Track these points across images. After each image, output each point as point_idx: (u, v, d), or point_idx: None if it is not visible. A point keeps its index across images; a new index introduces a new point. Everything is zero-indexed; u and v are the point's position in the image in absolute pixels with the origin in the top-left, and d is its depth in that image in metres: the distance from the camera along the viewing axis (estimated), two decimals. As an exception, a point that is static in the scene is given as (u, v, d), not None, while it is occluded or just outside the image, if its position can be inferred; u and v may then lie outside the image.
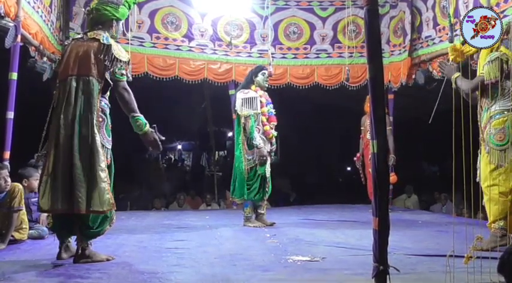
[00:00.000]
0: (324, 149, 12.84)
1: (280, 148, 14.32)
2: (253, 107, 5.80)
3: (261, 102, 5.88)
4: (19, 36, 5.47)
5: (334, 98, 8.30)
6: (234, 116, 6.20)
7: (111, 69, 3.70)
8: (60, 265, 3.57)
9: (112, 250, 4.16)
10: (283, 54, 8.73)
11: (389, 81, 8.56)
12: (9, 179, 4.65)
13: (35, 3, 5.98)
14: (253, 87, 5.94)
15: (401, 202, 9.83)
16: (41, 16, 6.26)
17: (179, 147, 17.68)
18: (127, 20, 7.71)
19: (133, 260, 3.79)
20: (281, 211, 8.15)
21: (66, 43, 4.26)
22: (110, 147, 3.75)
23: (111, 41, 3.76)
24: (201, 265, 3.58)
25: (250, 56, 8.62)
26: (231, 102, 7.65)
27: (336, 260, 3.75)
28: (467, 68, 6.40)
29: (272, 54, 8.46)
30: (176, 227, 5.84)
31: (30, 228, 4.90)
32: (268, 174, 5.92)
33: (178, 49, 8.30)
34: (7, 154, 5.36)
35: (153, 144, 3.74)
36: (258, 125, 5.84)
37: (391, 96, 8.70)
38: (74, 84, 3.65)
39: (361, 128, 7.74)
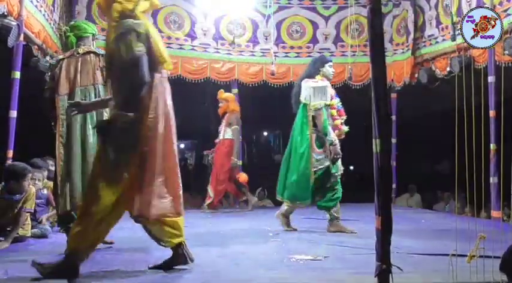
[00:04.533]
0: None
1: (283, 147, 14.34)
2: (324, 98, 5.07)
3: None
4: (22, 35, 5.49)
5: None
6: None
7: None
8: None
9: (115, 250, 4.17)
10: (286, 52, 8.74)
11: (392, 80, 8.55)
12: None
13: (37, 2, 5.99)
14: (318, 77, 5.20)
15: (404, 201, 9.82)
16: (44, 15, 6.28)
17: (182, 146, 17.64)
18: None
19: (136, 259, 3.80)
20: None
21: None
22: None
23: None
24: (204, 265, 3.58)
25: (253, 55, 8.63)
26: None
27: (339, 259, 3.75)
28: (469, 67, 6.40)
29: (275, 53, 8.46)
30: (179, 226, 5.82)
31: (33, 227, 4.91)
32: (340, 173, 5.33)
33: (181, 48, 8.31)
34: (10, 153, 5.37)
35: None
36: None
37: (394, 95, 8.70)
38: (79, 94, 3.91)
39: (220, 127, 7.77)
